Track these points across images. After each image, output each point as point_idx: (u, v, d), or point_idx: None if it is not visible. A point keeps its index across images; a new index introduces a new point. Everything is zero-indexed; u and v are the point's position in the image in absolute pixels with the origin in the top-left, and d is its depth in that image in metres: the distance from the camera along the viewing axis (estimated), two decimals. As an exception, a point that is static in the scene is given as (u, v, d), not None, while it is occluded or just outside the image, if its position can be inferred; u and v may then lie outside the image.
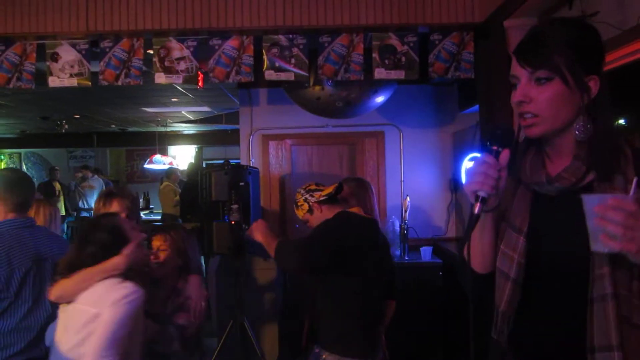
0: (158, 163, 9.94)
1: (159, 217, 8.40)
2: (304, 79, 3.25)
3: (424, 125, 4.71)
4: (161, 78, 3.20)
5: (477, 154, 1.19)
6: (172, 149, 12.24)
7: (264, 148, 4.75)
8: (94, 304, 1.91)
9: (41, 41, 3.21)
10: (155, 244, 2.52)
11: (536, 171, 1.24)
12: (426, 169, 4.70)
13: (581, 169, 1.17)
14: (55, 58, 3.19)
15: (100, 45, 3.19)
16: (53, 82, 3.20)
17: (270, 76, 3.21)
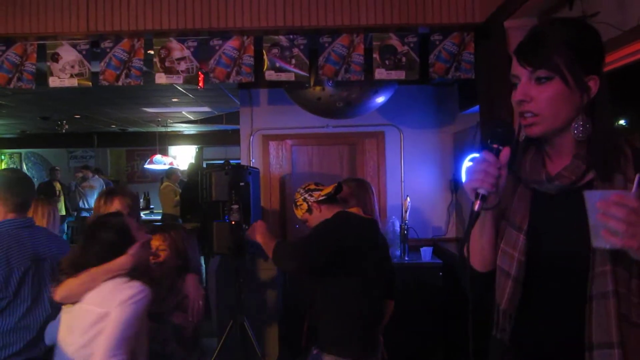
0: (158, 163, 9.95)
1: (159, 217, 8.41)
2: (305, 79, 3.25)
3: (425, 126, 4.71)
4: (162, 78, 3.20)
5: (478, 155, 1.19)
6: (173, 149, 12.25)
7: (265, 148, 4.75)
8: (101, 303, 1.90)
9: (42, 41, 3.21)
10: (155, 243, 2.51)
11: (536, 170, 1.24)
12: (426, 170, 4.70)
13: (581, 168, 1.18)
14: (55, 58, 3.20)
15: (101, 45, 3.19)
16: (53, 83, 3.21)
17: (270, 76, 3.21)
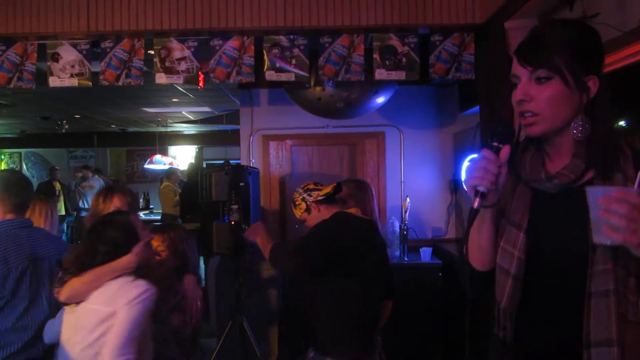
0: (158, 163, 9.95)
1: (159, 217, 8.41)
2: (305, 79, 3.25)
3: (425, 126, 4.71)
4: (162, 78, 3.20)
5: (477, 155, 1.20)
6: (173, 149, 12.25)
7: (265, 148, 4.75)
8: (107, 303, 1.90)
9: (42, 41, 3.21)
10: (154, 244, 2.51)
11: (536, 169, 1.25)
12: (426, 170, 4.70)
13: (580, 167, 1.19)
14: (56, 58, 3.20)
15: (101, 45, 3.19)
16: (54, 82, 3.21)
17: (270, 77, 3.21)
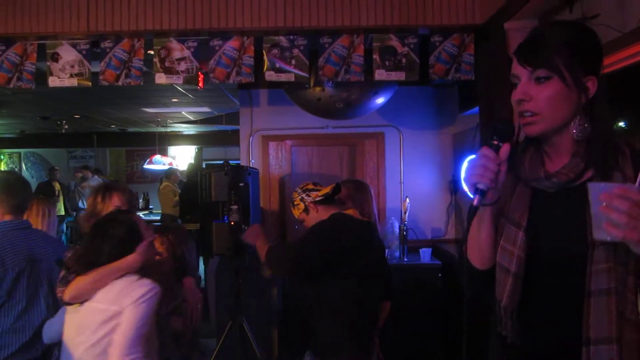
0: (158, 163, 9.95)
1: (159, 218, 8.41)
2: (305, 80, 3.25)
3: (424, 127, 4.71)
4: (161, 78, 3.20)
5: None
6: (172, 150, 12.25)
7: (264, 149, 4.75)
8: (113, 302, 1.90)
9: (42, 41, 3.21)
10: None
11: (535, 169, 1.26)
12: (426, 171, 4.70)
13: (580, 166, 1.20)
14: (55, 58, 3.20)
15: (101, 45, 3.19)
16: (53, 82, 3.20)
17: (270, 77, 3.21)
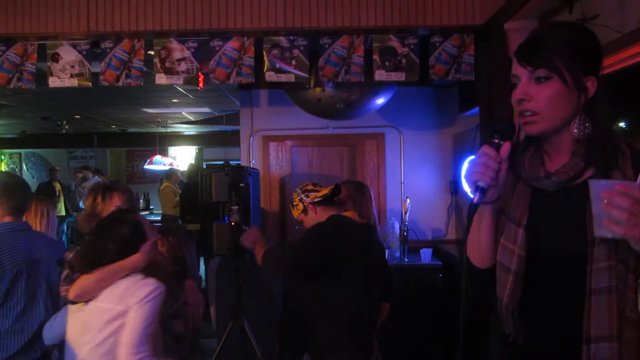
0: (158, 164, 9.96)
1: (159, 218, 8.41)
2: (305, 80, 3.25)
3: (424, 127, 4.71)
4: (162, 79, 3.20)
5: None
6: (173, 150, 12.26)
7: (264, 149, 4.75)
8: (118, 301, 1.90)
9: (42, 41, 3.22)
10: None
11: (535, 168, 1.27)
12: (426, 171, 4.70)
13: (579, 165, 1.21)
14: (55, 58, 3.20)
15: (101, 45, 3.20)
16: (53, 83, 3.21)
17: (270, 77, 3.22)
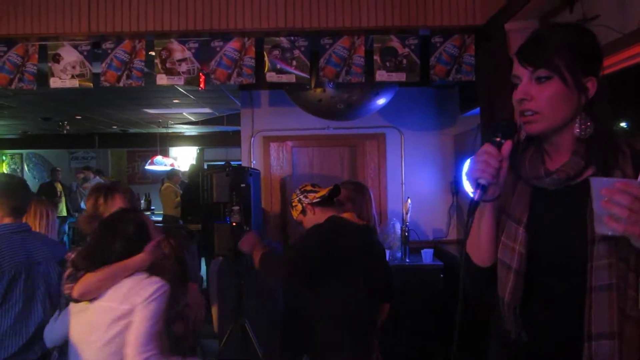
0: (159, 164, 9.96)
1: (160, 218, 8.41)
2: (305, 81, 3.25)
3: (425, 128, 4.71)
4: (163, 79, 3.21)
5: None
6: (174, 151, 12.27)
7: (265, 150, 4.75)
8: (122, 300, 1.90)
9: (43, 42, 3.22)
10: None
11: (535, 167, 1.27)
12: (427, 172, 4.70)
13: (580, 164, 1.21)
14: (57, 59, 3.20)
15: (102, 46, 3.20)
16: (54, 83, 3.21)
17: (271, 78, 3.22)
